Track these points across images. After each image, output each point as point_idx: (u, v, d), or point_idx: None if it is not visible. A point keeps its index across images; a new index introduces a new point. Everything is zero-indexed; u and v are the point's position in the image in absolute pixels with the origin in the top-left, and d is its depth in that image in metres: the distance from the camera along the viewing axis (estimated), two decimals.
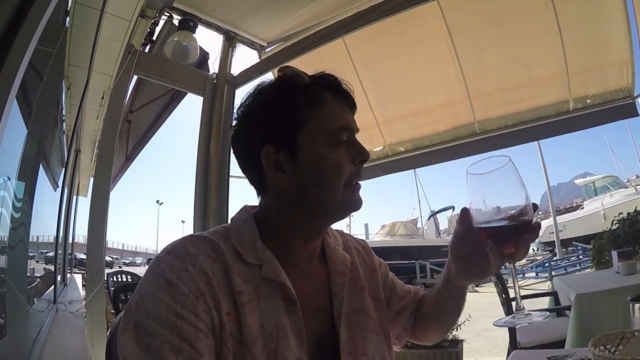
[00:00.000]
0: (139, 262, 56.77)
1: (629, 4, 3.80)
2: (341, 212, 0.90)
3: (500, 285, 3.77)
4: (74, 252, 9.54)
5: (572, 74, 4.36)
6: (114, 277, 6.70)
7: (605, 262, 6.88)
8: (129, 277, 6.88)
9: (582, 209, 27.65)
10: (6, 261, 2.13)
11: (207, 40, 4.64)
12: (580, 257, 19.04)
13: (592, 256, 7.65)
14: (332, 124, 0.87)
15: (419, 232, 29.02)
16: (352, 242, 1.10)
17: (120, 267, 37.73)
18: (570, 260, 19.46)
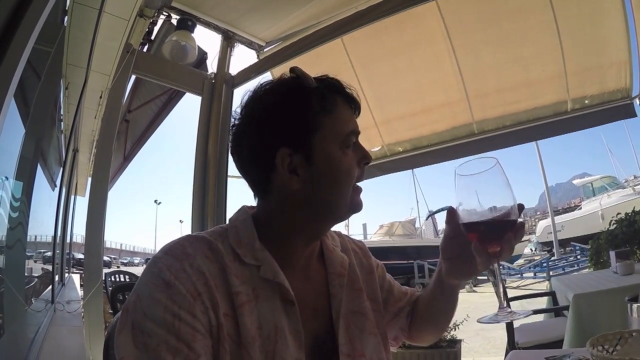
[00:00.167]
0: (137, 262, 56.59)
1: (628, 4, 3.80)
2: (346, 214, 0.91)
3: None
4: (71, 251, 9.53)
5: (571, 74, 4.36)
6: (112, 277, 6.71)
7: (603, 263, 6.88)
8: (126, 277, 6.89)
9: (580, 209, 27.71)
10: (4, 261, 2.13)
11: (206, 39, 4.63)
12: (578, 257, 19.12)
13: (590, 256, 7.64)
14: (345, 128, 0.88)
15: (417, 232, 29.02)
16: (349, 244, 1.10)
17: (118, 267, 37.68)
18: (568, 260, 19.53)
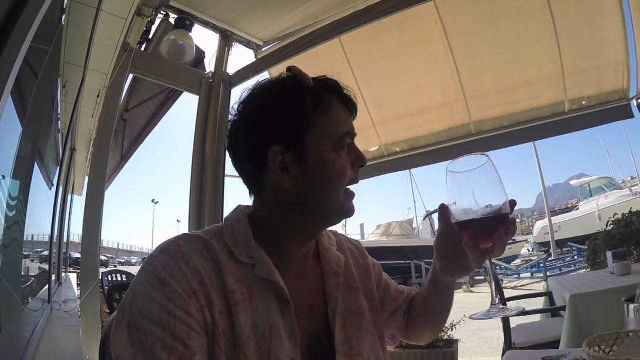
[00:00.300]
0: (134, 261, 56.61)
1: (625, 5, 3.81)
2: (336, 218, 0.91)
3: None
4: (68, 251, 9.49)
5: (568, 75, 4.36)
6: (109, 277, 6.69)
7: (600, 263, 6.89)
8: (123, 276, 6.88)
9: (578, 210, 27.80)
10: (0, 260, 2.12)
11: (204, 39, 4.62)
12: (575, 257, 19.12)
13: (587, 257, 7.65)
14: (339, 129, 0.88)
15: (414, 233, 29.03)
16: (346, 243, 1.10)
17: (115, 266, 37.62)
18: (565, 261, 19.55)
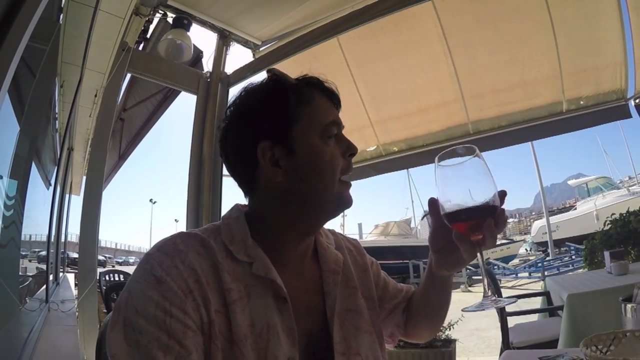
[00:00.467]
0: (132, 261, 56.38)
1: (623, 6, 3.82)
2: (334, 208, 0.90)
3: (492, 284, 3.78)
4: (66, 251, 9.48)
5: (566, 75, 4.38)
6: (107, 276, 6.67)
7: (597, 263, 6.92)
8: (121, 276, 6.86)
9: (575, 209, 27.83)
10: None
11: (201, 38, 4.61)
12: (572, 257, 19.16)
13: (584, 256, 7.68)
14: (323, 118, 0.90)
15: (412, 232, 29.11)
16: (344, 242, 1.10)
17: (113, 266, 37.55)
18: (563, 260, 19.59)
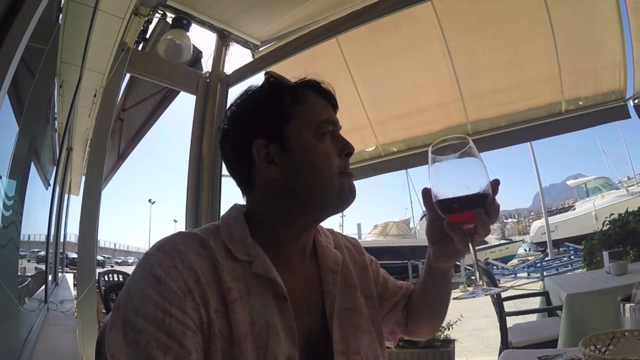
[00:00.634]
0: (130, 261, 56.39)
1: (622, 6, 3.82)
2: (338, 201, 0.90)
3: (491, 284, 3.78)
4: (65, 251, 9.47)
5: (565, 75, 4.38)
6: (106, 277, 6.66)
7: (596, 263, 6.93)
8: (120, 276, 6.84)
9: (574, 209, 27.89)
10: None
11: (201, 38, 4.60)
12: (571, 257, 19.20)
13: (583, 257, 7.70)
14: (317, 116, 0.91)
15: (411, 232, 29.14)
16: (342, 241, 1.10)
17: (112, 266, 37.51)
18: (561, 260, 19.63)
